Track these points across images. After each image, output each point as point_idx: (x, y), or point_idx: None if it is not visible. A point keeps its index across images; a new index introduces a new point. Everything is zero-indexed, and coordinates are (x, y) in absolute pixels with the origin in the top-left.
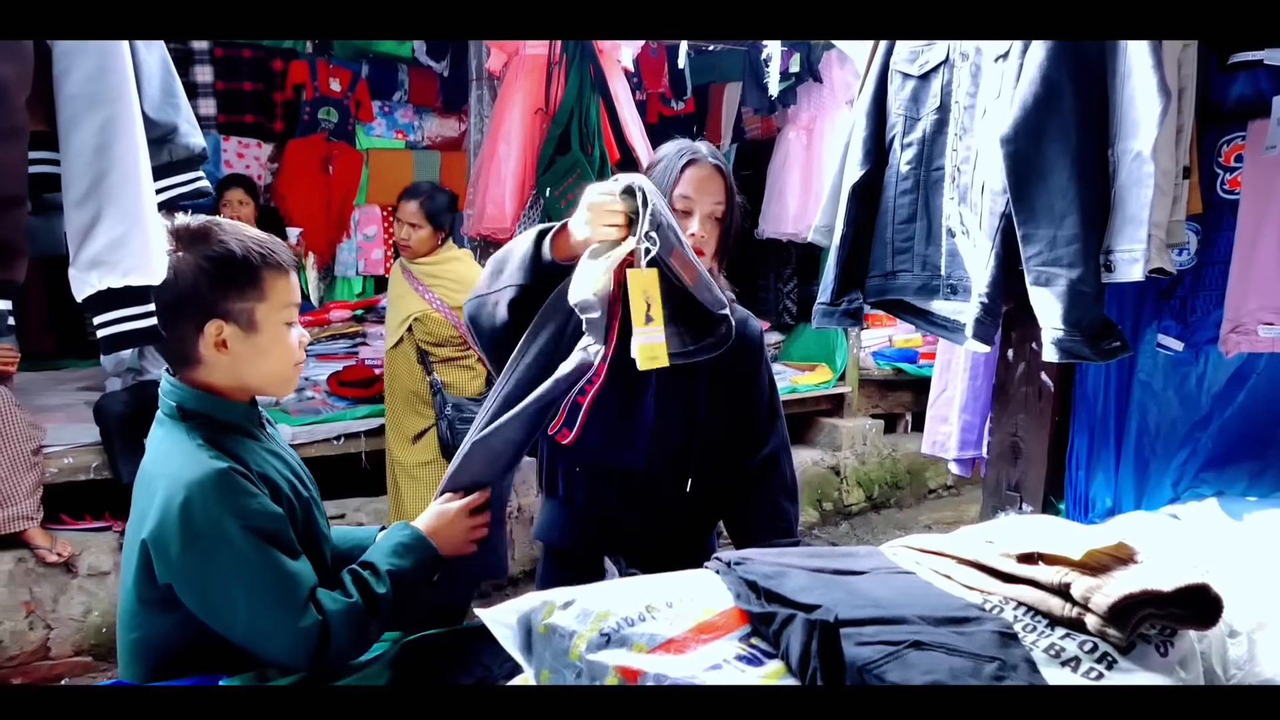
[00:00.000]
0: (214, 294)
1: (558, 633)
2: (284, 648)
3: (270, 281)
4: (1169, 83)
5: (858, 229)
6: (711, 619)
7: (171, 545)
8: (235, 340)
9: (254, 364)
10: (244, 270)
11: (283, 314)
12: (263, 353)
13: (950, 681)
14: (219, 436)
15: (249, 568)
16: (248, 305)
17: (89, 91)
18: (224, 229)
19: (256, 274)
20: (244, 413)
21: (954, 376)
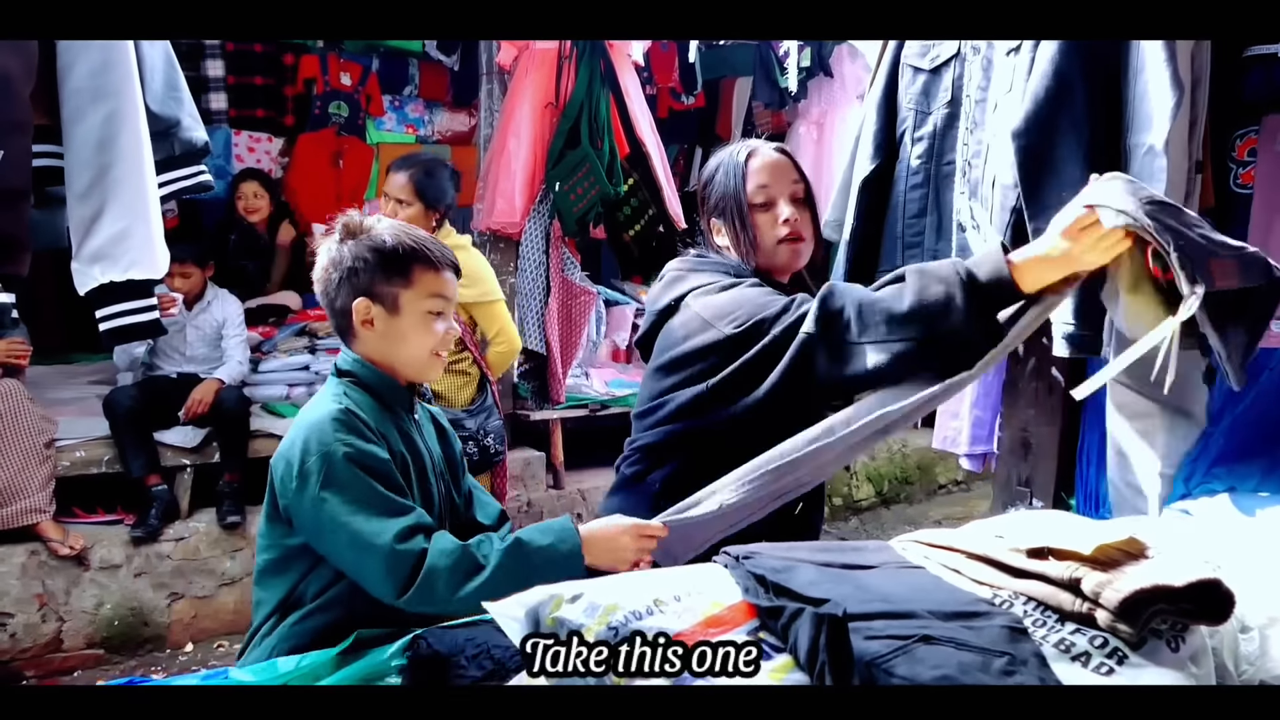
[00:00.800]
0: (365, 277)
1: (565, 626)
2: (378, 571)
3: (418, 273)
4: (1182, 76)
5: (868, 223)
6: (720, 613)
7: (287, 470)
8: (380, 320)
9: (395, 344)
10: (393, 259)
11: (426, 303)
12: (403, 334)
13: (959, 676)
14: (363, 398)
15: (351, 491)
16: (393, 290)
17: (93, 86)
18: (383, 225)
19: (404, 264)
20: (389, 384)
21: None
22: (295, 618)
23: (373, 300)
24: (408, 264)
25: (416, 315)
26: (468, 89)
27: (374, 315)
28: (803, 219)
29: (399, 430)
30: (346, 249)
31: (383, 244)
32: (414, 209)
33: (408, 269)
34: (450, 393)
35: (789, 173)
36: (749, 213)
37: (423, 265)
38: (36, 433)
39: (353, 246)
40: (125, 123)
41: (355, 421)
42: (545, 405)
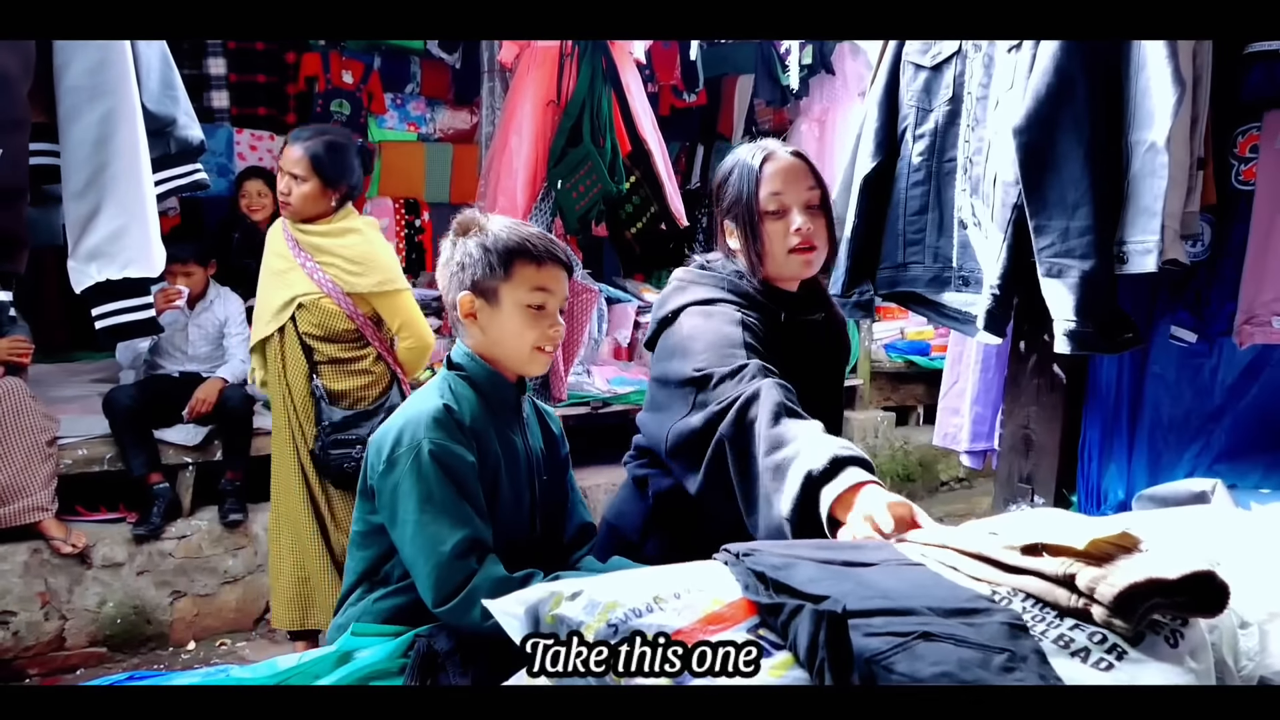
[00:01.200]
0: (470, 271)
1: (565, 624)
2: (428, 576)
3: (518, 267)
4: (1183, 73)
5: (869, 221)
6: (720, 610)
7: (377, 454)
8: (483, 313)
9: (497, 337)
10: (494, 253)
11: (526, 296)
12: (503, 327)
13: (959, 673)
14: (467, 392)
15: (426, 487)
16: (494, 283)
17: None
18: (491, 221)
19: (505, 257)
20: (495, 379)
21: (965, 369)
22: (380, 593)
23: (475, 294)
24: (508, 257)
25: (516, 308)
26: (469, 87)
27: (477, 308)
28: (816, 227)
29: (500, 428)
30: (459, 246)
31: (485, 239)
32: (309, 185)
33: (508, 262)
34: (350, 392)
35: (804, 179)
36: (760, 221)
37: (523, 259)
38: (39, 431)
39: (463, 243)
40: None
41: (451, 420)
42: (547, 402)
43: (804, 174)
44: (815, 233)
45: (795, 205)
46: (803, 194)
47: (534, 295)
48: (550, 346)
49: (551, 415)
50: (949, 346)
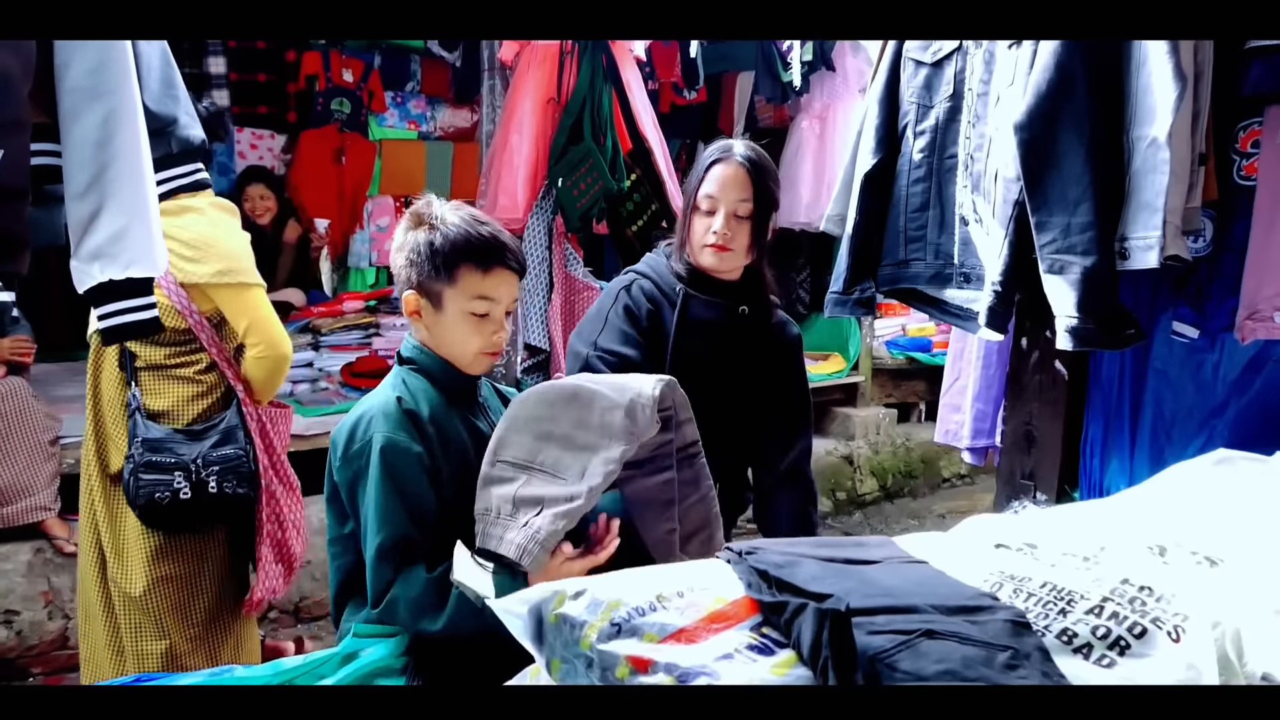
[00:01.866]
0: (416, 270)
1: (568, 623)
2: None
3: (463, 272)
4: (1185, 69)
5: (870, 217)
6: (723, 608)
7: (335, 449)
8: (427, 313)
9: (439, 339)
10: (440, 255)
11: (469, 304)
12: (444, 330)
13: (963, 671)
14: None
15: (376, 482)
16: (438, 287)
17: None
18: (444, 217)
19: (450, 261)
20: (449, 372)
21: (967, 365)
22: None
23: (420, 294)
24: (454, 262)
25: (459, 314)
26: (470, 85)
27: (421, 308)
28: (735, 234)
29: (464, 415)
30: (409, 238)
31: (434, 238)
32: None
33: (453, 267)
34: (174, 406)
35: (741, 189)
36: (691, 213)
37: (469, 264)
38: (41, 430)
39: (414, 236)
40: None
41: (401, 413)
42: None
43: (743, 183)
44: (733, 238)
45: (724, 208)
46: (733, 201)
47: (477, 303)
48: (494, 350)
49: (509, 392)
50: (950, 343)
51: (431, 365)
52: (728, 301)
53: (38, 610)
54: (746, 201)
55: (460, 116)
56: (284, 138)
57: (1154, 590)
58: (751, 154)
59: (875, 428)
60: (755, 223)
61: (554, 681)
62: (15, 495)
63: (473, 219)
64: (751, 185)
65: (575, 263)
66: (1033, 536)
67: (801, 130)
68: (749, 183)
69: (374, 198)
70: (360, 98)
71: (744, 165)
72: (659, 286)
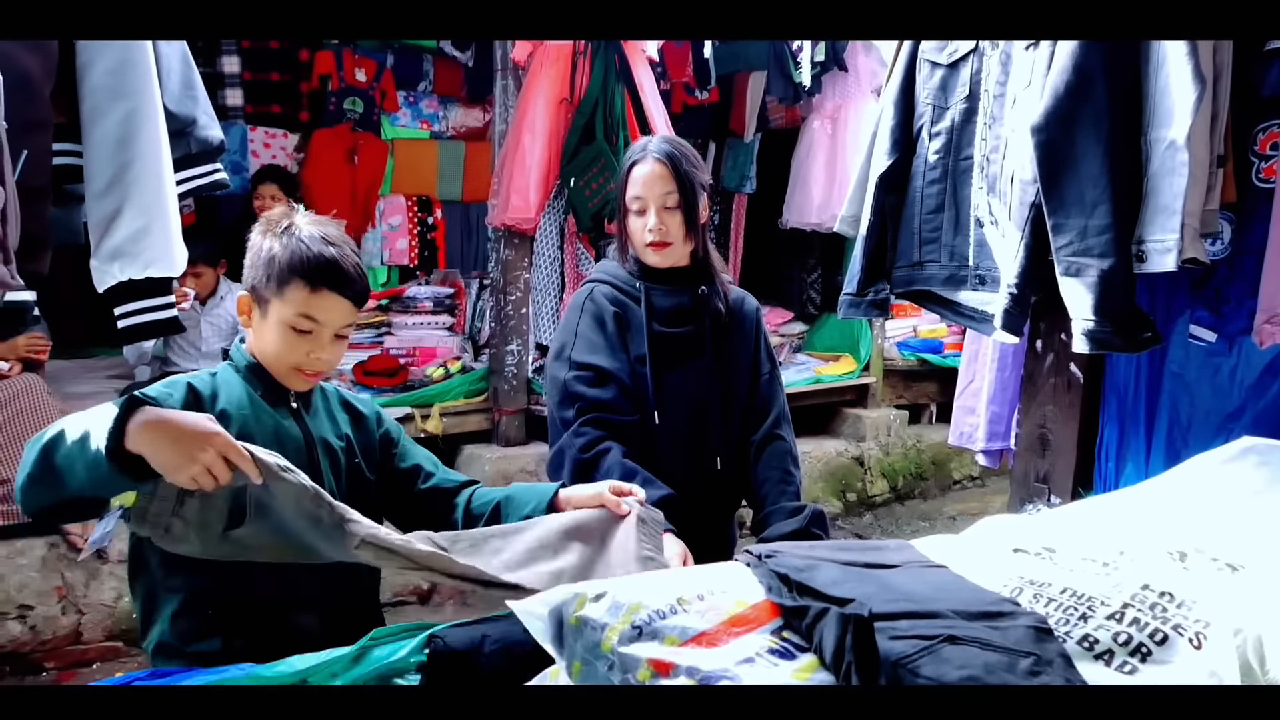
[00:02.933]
0: (254, 273)
1: (589, 625)
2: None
3: (292, 287)
4: (1204, 70)
5: (884, 219)
6: (743, 612)
7: None
8: (254, 316)
9: (260, 345)
10: (275, 265)
11: (292, 319)
12: (264, 338)
13: (985, 677)
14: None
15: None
16: (266, 295)
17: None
18: (297, 229)
19: (282, 275)
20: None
21: (981, 367)
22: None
23: (252, 297)
24: (285, 275)
25: (279, 325)
26: (482, 84)
27: (250, 311)
28: (671, 225)
29: (274, 416)
30: (257, 240)
31: (274, 247)
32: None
33: (283, 280)
34: None
35: (663, 183)
36: (625, 215)
37: (299, 281)
38: None
39: (259, 240)
40: (144, 121)
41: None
42: None
43: (664, 177)
44: (669, 231)
45: (653, 205)
46: (659, 196)
47: (300, 320)
48: (310, 370)
49: (361, 400)
50: (965, 345)
51: (244, 366)
52: (686, 285)
53: (51, 605)
54: (672, 194)
55: (473, 116)
56: (297, 137)
57: (1175, 596)
58: (666, 146)
59: (886, 429)
60: (685, 211)
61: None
62: None
63: (322, 238)
64: (673, 177)
65: (587, 262)
66: (1050, 540)
67: (813, 130)
68: (670, 175)
69: (386, 197)
70: (373, 97)
71: (660, 160)
72: (618, 287)
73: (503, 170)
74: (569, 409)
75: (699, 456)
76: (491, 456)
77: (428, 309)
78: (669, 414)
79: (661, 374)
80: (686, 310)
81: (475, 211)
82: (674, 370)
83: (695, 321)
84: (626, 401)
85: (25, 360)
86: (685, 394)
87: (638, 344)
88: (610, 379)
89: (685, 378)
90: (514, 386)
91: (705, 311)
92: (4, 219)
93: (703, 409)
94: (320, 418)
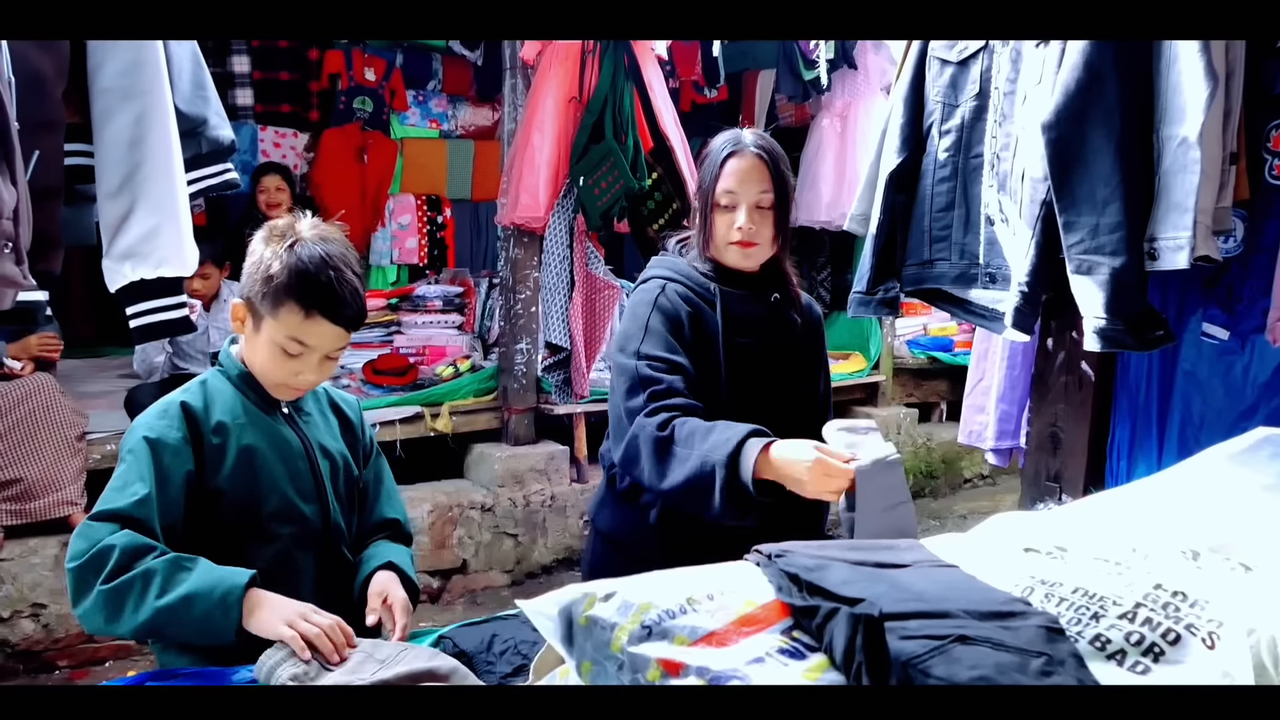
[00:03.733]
0: (251, 284)
1: (599, 625)
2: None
3: (286, 309)
4: (1216, 67)
5: (894, 217)
6: (753, 612)
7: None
8: (247, 327)
9: (251, 355)
10: (273, 282)
11: (282, 340)
12: (255, 350)
13: (996, 677)
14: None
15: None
16: (261, 310)
17: (123, 85)
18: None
19: (277, 294)
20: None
21: (991, 366)
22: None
23: (247, 308)
24: (280, 296)
25: (270, 343)
26: (491, 83)
27: (245, 320)
28: (761, 226)
29: (266, 421)
30: (259, 248)
31: (274, 264)
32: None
33: (277, 301)
34: None
35: (760, 181)
36: (712, 210)
37: (294, 305)
38: (68, 426)
39: (263, 249)
40: (155, 122)
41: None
42: (569, 399)
43: (760, 176)
44: (758, 232)
45: (745, 203)
46: (754, 194)
47: (290, 343)
48: (296, 387)
49: (347, 403)
50: (974, 343)
51: (234, 374)
52: (760, 292)
53: (64, 604)
54: (768, 193)
55: (482, 115)
56: (307, 136)
57: (1188, 596)
58: (764, 143)
59: (896, 427)
60: (777, 213)
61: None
62: (43, 490)
63: (323, 258)
64: (770, 176)
65: (596, 261)
66: (1062, 538)
67: (823, 128)
68: (767, 173)
69: (395, 196)
70: (382, 96)
71: (760, 155)
72: (690, 288)
73: (512, 169)
74: (639, 395)
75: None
76: (501, 455)
77: (437, 308)
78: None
79: (738, 386)
80: (762, 320)
81: (484, 210)
82: (751, 382)
83: (769, 333)
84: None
85: (37, 360)
86: (756, 408)
87: (712, 355)
88: (683, 370)
89: (757, 392)
90: (523, 385)
91: (780, 322)
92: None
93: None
94: (315, 423)
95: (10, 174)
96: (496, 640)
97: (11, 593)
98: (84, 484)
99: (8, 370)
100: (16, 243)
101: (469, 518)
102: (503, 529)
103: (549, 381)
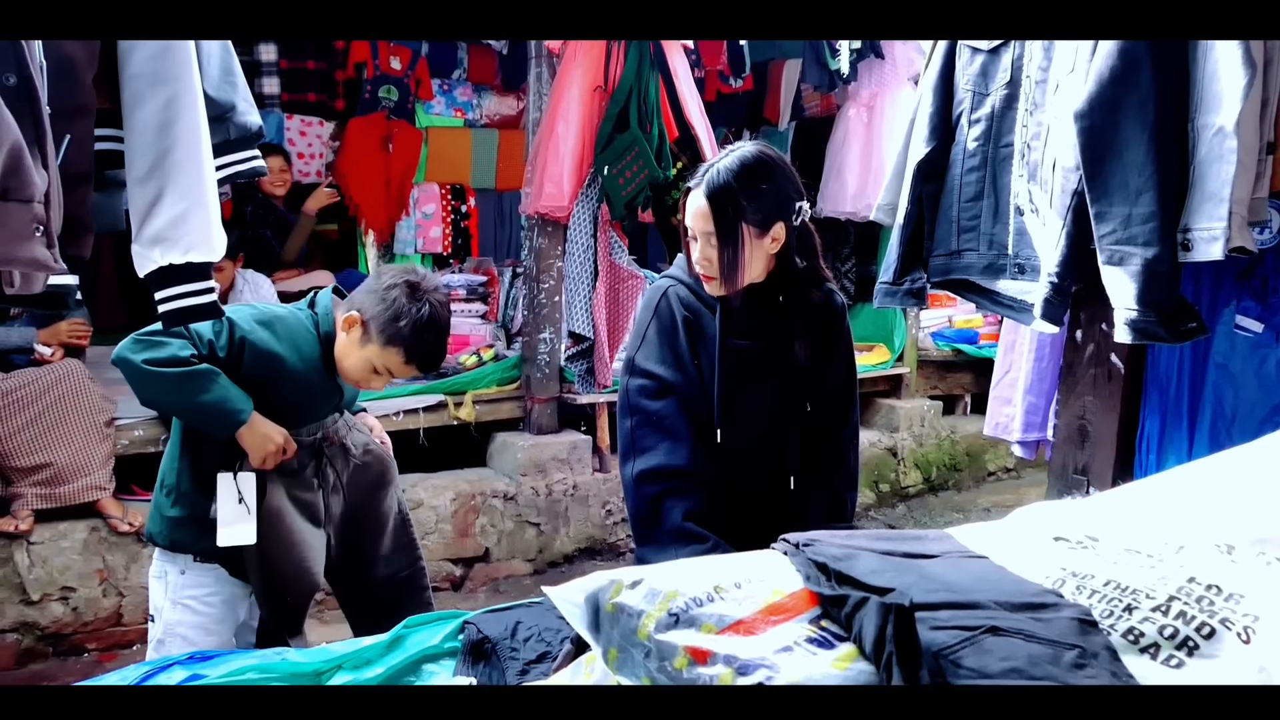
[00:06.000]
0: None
1: (626, 612)
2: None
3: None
4: (1254, 54)
5: (922, 207)
6: (781, 600)
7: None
8: (351, 334)
9: (343, 351)
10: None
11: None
12: (350, 355)
13: (1029, 669)
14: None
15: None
16: (369, 336)
17: (152, 70)
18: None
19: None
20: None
21: (1018, 357)
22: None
23: (362, 323)
24: (389, 340)
25: (366, 360)
26: (516, 72)
27: (353, 327)
28: (712, 263)
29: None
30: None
31: (400, 312)
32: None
33: (386, 340)
34: None
35: (703, 222)
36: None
37: (401, 351)
38: (97, 411)
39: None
40: (184, 107)
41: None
42: (591, 389)
43: (704, 216)
44: (711, 266)
45: (700, 237)
46: (702, 233)
47: (381, 367)
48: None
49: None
50: (1001, 335)
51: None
52: (766, 293)
53: (93, 588)
54: (712, 235)
55: (506, 104)
56: (332, 125)
57: (1222, 589)
58: (720, 180)
59: (920, 420)
60: (723, 252)
61: (611, 670)
62: (72, 475)
63: (441, 327)
64: (712, 218)
65: (620, 251)
66: (1093, 529)
67: (849, 119)
68: (708, 215)
69: (420, 185)
70: (408, 85)
71: (706, 195)
72: (694, 291)
73: (536, 158)
74: (628, 419)
75: (771, 475)
76: (524, 444)
77: (461, 297)
78: (739, 431)
79: (733, 389)
80: (765, 320)
81: (509, 200)
82: (748, 385)
83: (774, 333)
84: (685, 417)
85: (67, 345)
86: (760, 409)
87: (708, 356)
88: (670, 391)
89: (761, 393)
90: (546, 375)
91: (787, 322)
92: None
93: (778, 426)
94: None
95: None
96: (521, 627)
97: (41, 576)
98: (112, 469)
99: (38, 356)
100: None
101: (491, 506)
102: (525, 518)
103: (572, 371)
